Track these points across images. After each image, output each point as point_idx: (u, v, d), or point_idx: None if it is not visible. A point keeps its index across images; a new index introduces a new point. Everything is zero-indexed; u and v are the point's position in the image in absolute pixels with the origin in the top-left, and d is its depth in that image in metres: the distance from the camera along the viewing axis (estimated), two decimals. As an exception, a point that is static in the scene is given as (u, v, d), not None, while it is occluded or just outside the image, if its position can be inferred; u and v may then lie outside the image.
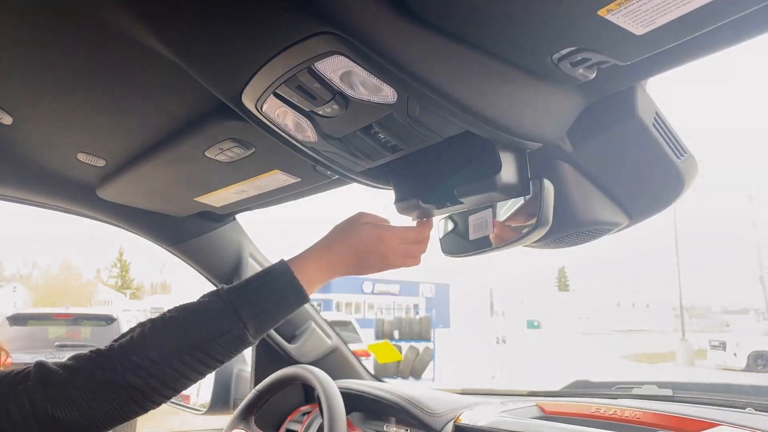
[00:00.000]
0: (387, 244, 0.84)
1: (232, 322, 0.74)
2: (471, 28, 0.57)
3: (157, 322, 0.75)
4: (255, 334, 0.76)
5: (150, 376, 0.71)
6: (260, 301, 0.77)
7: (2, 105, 0.95)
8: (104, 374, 0.70)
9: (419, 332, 10.83)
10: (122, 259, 51.20)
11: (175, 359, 0.72)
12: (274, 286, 0.79)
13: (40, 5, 0.69)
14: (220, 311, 0.75)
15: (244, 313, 0.75)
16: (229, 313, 0.75)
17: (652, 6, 0.50)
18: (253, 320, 0.75)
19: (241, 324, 0.74)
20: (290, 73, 0.65)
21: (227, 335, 0.74)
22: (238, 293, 0.77)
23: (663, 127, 0.75)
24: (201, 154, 0.98)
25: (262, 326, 0.77)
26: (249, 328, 0.75)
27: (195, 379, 0.75)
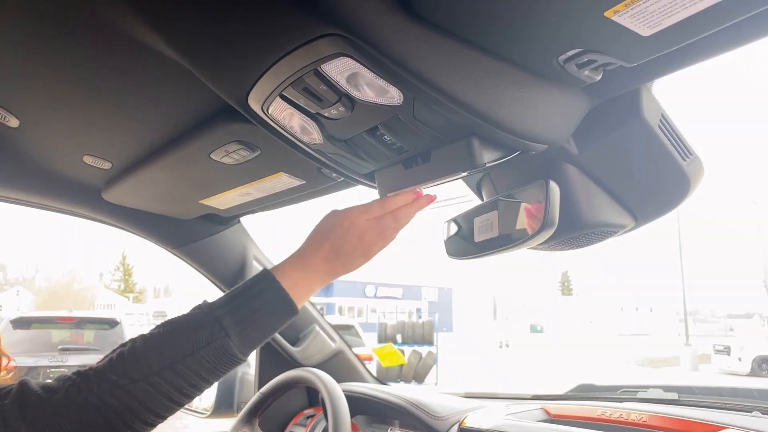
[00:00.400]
0: (356, 224, 0.79)
1: (213, 331, 0.70)
2: (477, 30, 0.58)
3: (142, 338, 0.71)
4: (241, 346, 0.72)
5: (127, 396, 0.66)
6: (242, 307, 0.73)
7: (9, 108, 0.95)
8: (79, 395, 0.66)
9: (422, 336, 10.81)
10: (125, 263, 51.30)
11: (154, 375, 0.67)
12: (253, 292, 0.75)
13: (47, 9, 0.70)
14: (200, 321, 0.71)
15: (225, 321, 0.71)
16: (211, 322, 0.71)
17: (659, 7, 0.50)
18: (236, 329, 0.71)
19: (224, 333, 0.70)
20: (297, 75, 0.66)
21: (209, 346, 0.69)
22: (220, 302, 0.74)
23: (669, 129, 0.75)
24: (206, 156, 0.98)
25: (249, 337, 0.73)
26: (232, 337, 0.70)
27: (178, 400, 0.70)
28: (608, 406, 1.03)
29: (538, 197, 0.75)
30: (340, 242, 0.78)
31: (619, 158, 0.78)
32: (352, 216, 0.79)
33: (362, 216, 0.79)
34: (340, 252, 0.79)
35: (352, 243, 0.79)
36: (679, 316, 22.59)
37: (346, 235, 0.78)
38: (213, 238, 1.49)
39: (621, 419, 0.98)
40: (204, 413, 1.74)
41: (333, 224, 0.79)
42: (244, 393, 1.73)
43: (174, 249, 1.50)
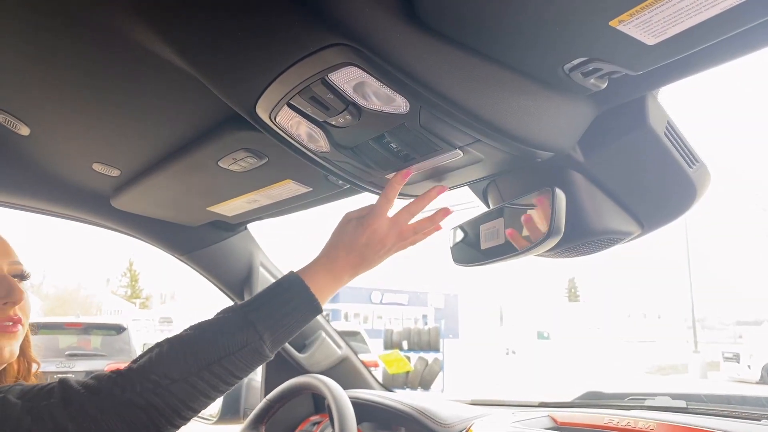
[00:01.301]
0: (378, 231, 0.83)
1: (248, 335, 0.74)
2: (483, 38, 0.58)
3: (174, 340, 0.75)
4: (271, 346, 0.76)
5: (170, 395, 0.70)
6: (274, 312, 0.77)
7: (20, 116, 0.97)
8: (123, 394, 0.70)
9: (428, 343, 10.77)
10: (132, 269, 51.50)
11: (194, 376, 0.71)
12: (286, 297, 0.79)
13: (58, 20, 0.71)
14: (236, 325, 0.75)
15: (259, 325, 0.75)
16: (245, 326, 0.75)
17: (664, 16, 0.50)
18: (268, 332, 0.75)
19: (258, 336, 0.74)
20: (304, 84, 0.66)
21: (244, 349, 0.74)
22: (252, 306, 0.77)
23: (675, 136, 0.75)
24: (214, 164, 0.99)
25: (279, 338, 0.77)
26: (265, 340, 0.75)
27: (213, 397, 0.75)
28: (615, 414, 1.03)
29: (544, 204, 0.75)
30: (364, 250, 0.83)
31: (625, 165, 0.78)
32: (372, 226, 0.83)
33: (379, 221, 0.83)
34: (365, 257, 0.83)
35: (374, 249, 0.83)
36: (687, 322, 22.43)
37: (370, 243, 0.83)
38: (220, 244, 1.50)
39: (628, 427, 0.97)
40: (210, 419, 1.75)
41: (356, 234, 0.83)
42: (250, 399, 1.73)
43: (181, 255, 1.51)
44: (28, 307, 0.88)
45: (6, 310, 0.83)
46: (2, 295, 0.83)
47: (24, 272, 0.89)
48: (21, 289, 0.85)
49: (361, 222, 0.84)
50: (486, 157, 0.73)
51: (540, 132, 0.69)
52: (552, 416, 1.11)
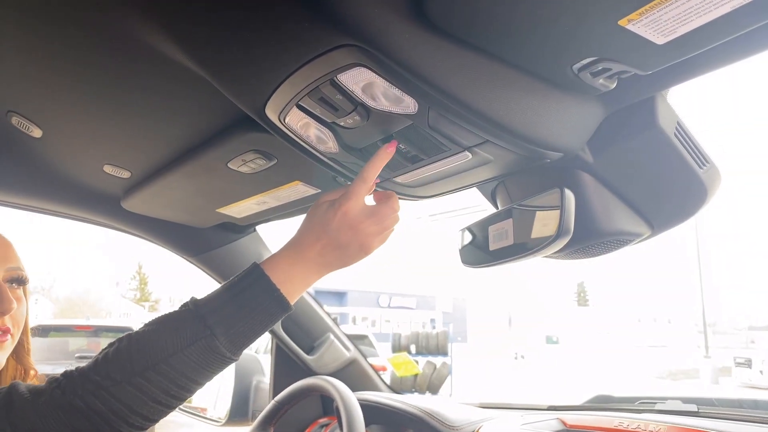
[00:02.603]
0: (348, 214, 0.74)
1: (197, 328, 0.66)
2: (492, 39, 0.58)
3: (131, 336, 0.68)
4: (229, 344, 0.68)
5: (111, 398, 0.63)
6: (227, 305, 0.69)
7: (32, 118, 0.98)
8: (63, 397, 0.63)
9: (436, 347, 10.75)
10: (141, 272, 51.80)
11: (137, 376, 0.64)
12: (241, 287, 0.70)
13: (69, 22, 0.72)
14: (185, 319, 0.68)
15: (210, 318, 0.67)
16: (194, 319, 0.67)
17: (673, 16, 0.50)
18: (222, 326, 0.67)
19: (208, 331, 0.66)
20: (313, 86, 0.67)
21: (194, 345, 0.66)
22: (205, 299, 0.70)
23: (685, 137, 0.75)
24: (224, 165, 0.99)
25: (237, 334, 0.68)
26: (218, 335, 0.66)
27: (166, 403, 0.67)
28: (626, 417, 1.02)
29: (553, 205, 0.75)
30: (336, 235, 0.74)
31: (634, 166, 0.78)
32: (343, 207, 0.74)
33: (352, 203, 0.74)
34: (336, 245, 0.74)
35: (347, 235, 0.74)
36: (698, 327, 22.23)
37: (341, 227, 0.74)
38: (229, 246, 1.50)
39: (639, 430, 0.97)
40: (219, 421, 1.75)
41: (326, 217, 0.75)
42: (258, 401, 1.73)
43: (191, 257, 1.52)
44: (20, 315, 0.86)
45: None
46: None
47: (23, 277, 0.86)
48: (11, 298, 0.82)
49: (333, 204, 0.75)
50: (495, 158, 0.73)
51: (549, 132, 0.69)
52: (561, 419, 1.11)
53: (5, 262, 0.84)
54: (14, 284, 0.86)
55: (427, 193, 0.90)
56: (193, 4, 0.64)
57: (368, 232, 0.75)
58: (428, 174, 0.82)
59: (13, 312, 0.82)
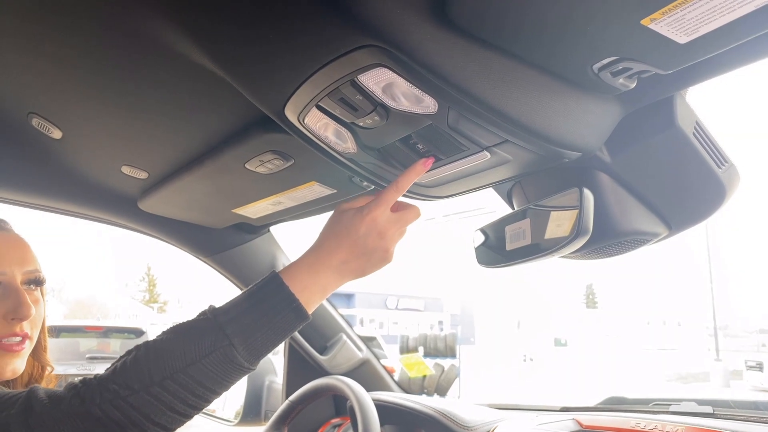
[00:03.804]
0: (377, 221, 0.74)
1: (216, 338, 0.66)
2: (513, 39, 0.59)
3: (148, 345, 0.68)
4: (247, 354, 0.67)
5: (130, 408, 0.63)
6: (246, 314, 0.69)
7: (53, 120, 0.99)
8: (82, 405, 0.63)
9: (444, 349, 10.70)
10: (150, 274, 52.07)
11: (155, 386, 0.64)
12: (259, 297, 0.70)
13: (89, 24, 0.73)
14: (203, 329, 0.68)
15: (228, 328, 0.67)
16: (213, 329, 0.67)
17: (697, 15, 0.50)
18: (240, 336, 0.67)
19: (227, 341, 0.66)
20: (334, 86, 0.67)
21: (212, 355, 0.65)
22: (223, 309, 0.70)
23: (703, 137, 0.75)
24: (241, 166, 1.00)
25: (255, 345, 0.68)
26: (236, 345, 0.66)
27: (186, 412, 0.66)
28: (642, 418, 1.02)
29: (571, 205, 0.75)
30: (363, 242, 0.74)
31: (652, 166, 0.78)
32: (372, 213, 0.74)
33: (382, 209, 0.75)
34: (362, 252, 0.74)
35: (373, 242, 0.74)
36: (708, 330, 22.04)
37: (370, 233, 0.74)
38: (243, 246, 1.51)
39: (656, 431, 0.96)
40: (232, 421, 1.76)
41: (353, 223, 0.74)
42: (271, 401, 1.74)
43: (205, 257, 1.53)
44: (39, 318, 0.85)
45: (13, 326, 0.80)
46: (10, 310, 0.80)
47: (40, 278, 0.86)
48: (29, 303, 0.81)
49: (361, 210, 0.75)
50: (513, 157, 0.73)
51: (568, 132, 0.69)
52: (577, 419, 1.10)
53: (23, 265, 0.84)
54: (32, 286, 0.86)
55: (444, 193, 0.91)
56: (215, 5, 0.65)
57: (391, 239, 0.76)
58: (446, 174, 0.82)
59: (32, 317, 0.82)
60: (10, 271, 0.82)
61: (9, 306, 0.80)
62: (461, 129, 0.68)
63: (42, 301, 0.88)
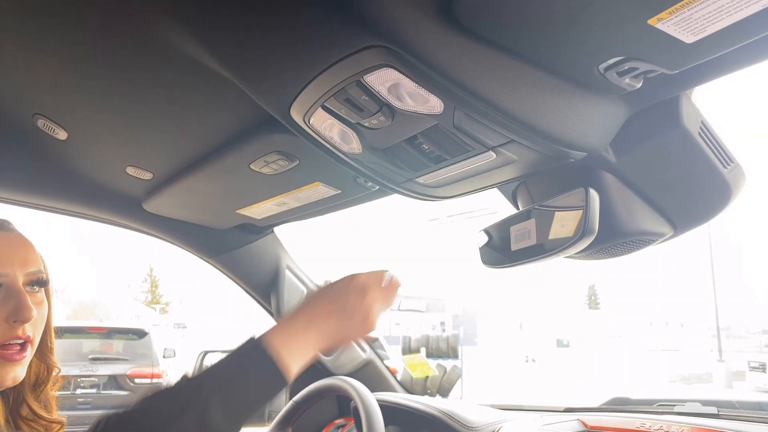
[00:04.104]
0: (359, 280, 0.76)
1: (191, 396, 0.63)
2: (519, 39, 0.59)
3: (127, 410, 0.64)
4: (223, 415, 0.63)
5: None
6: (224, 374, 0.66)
7: (58, 121, 0.99)
8: None
9: (446, 350, 10.70)
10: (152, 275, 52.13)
11: None
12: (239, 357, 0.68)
13: (95, 25, 0.73)
14: (179, 388, 0.65)
15: (205, 387, 0.64)
16: (189, 387, 0.65)
17: (704, 14, 0.50)
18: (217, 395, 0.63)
19: (201, 401, 0.62)
20: (339, 87, 0.67)
21: (186, 415, 0.61)
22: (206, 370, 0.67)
23: (709, 136, 0.75)
24: (246, 166, 1.00)
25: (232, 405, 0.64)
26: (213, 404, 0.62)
27: None
28: (647, 418, 1.02)
29: (577, 205, 0.75)
30: (343, 298, 0.74)
31: (658, 166, 0.78)
32: (358, 276, 0.76)
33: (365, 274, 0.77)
34: (341, 309, 0.73)
35: (352, 301, 0.73)
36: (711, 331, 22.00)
37: (348, 289, 0.74)
38: (247, 247, 1.52)
39: (661, 431, 0.96)
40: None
41: (337, 282, 0.76)
42: (274, 402, 1.74)
43: (209, 258, 1.53)
44: (41, 320, 0.84)
45: (15, 328, 0.78)
46: (11, 312, 0.78)
47: (43, 279, 0.84)
48: (30, 305, 0.79)
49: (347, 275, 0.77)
50: (519, 157, 0.73)
51: (574, 132, 0.69)
52: (582, 420, 1.10)
53: (25, 266, 0.82)
54: (35, 287, 0.83)
55: (449, 194, 0.91)
56: (220, 7, 0.65)
57: (375, 302, 0.75)
58: (451, 174, 0.82)
59: (34, 319, 0.80)
60: (12, 273, 0.80)
61: (10, 309, 0.78)
62: (467, 129, 0.68)
63: (46, 303, 0.86)
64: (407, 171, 0.84)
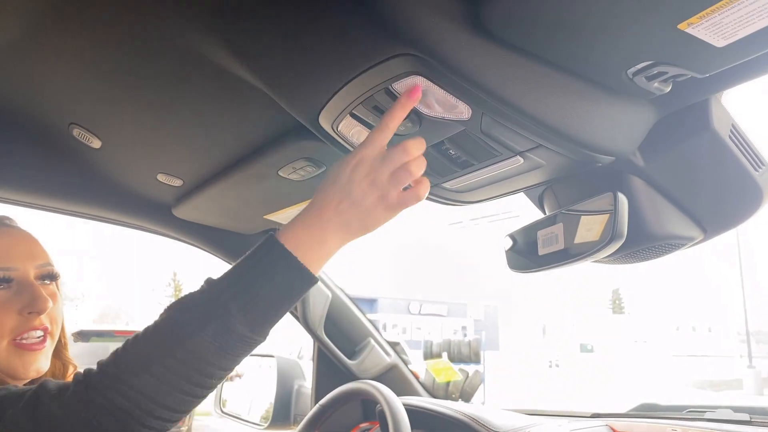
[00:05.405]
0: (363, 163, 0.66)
1: (210, 307, 0.61)
2: (547, 45, 0.59)
3: (147, 327, 0.63)
4: (247, 322, 0.61)
5: (131, 391, 0.59)
6: (241, 278, 0.63)
7: (93, 130, 1.02)
8: (86, 393, 0.60)
9: (468, 355, 10.63)
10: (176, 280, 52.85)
11: (155, 365, 0.59)
12: (255, 258, 0.64)
13: (128, 36, 0.75)
14: (199, 298, 0.63)
15: (224, 295, 0.61)
16: (208, 298, 0.62)
17: (735, 18, 0.50)
18: (236, 302, 0.61)
19: (221, 309, 0.60)
20: (368, 94, 0.69)
21: (209, 326, 0.60)
22: (220, 277, 0.64)
23: (740, 139, 0.74)
24: (275, 173, 1.02)
25: (254, 310, 0.61)
26: (233, 311, 0.60)
27: (191, 392, 0.61)
28: (678, 425, 1.00)
29: (605, 209, 0.75)
30: (349, 187, 0.65)
31: (687, 170, 0.77)
32: (357, 155, 0.66)
33: (368, 150, 0.66)
34: (352, 200, 0.65)
35: (362, 187, 0.65)
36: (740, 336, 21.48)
37: (354, 176, 0.65)
38: (273, 252, 1.53)
39: (692, 437, 0.95)
40: (261, 425, 1.78)
41: (340, 168, 0.67)
42: (300, 405, 1.76)
43: (236, 263, 1.55)
44: (57, 312, 0.84)
45: (31, 320, 0.79)
46: (26, 304, 0.79)
47: (53, 272, 0.85)
48: (45, 296, 0.80)
49: (347, 156, 0.68)
50: (546, 162, 0.73)
51: (602, 136, 0.69)
52: (610, 426, 1.09)
53: (34, 259, 0.83)
54: (46, 281, 0.84)
55: (475, 198, 0.91)
56: (252, 18, 0.67)
57: (385, 182, 0.66)
58: (478, 179, 0.83)
59: (50, 310, 0.81)
60: (21, 266, 0.81)
61: (25, 300, 0.79)
62: (494, 134, 0.69)
63: (59, 297, 0.86)
64: (434, 176, 0.84)
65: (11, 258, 0.81)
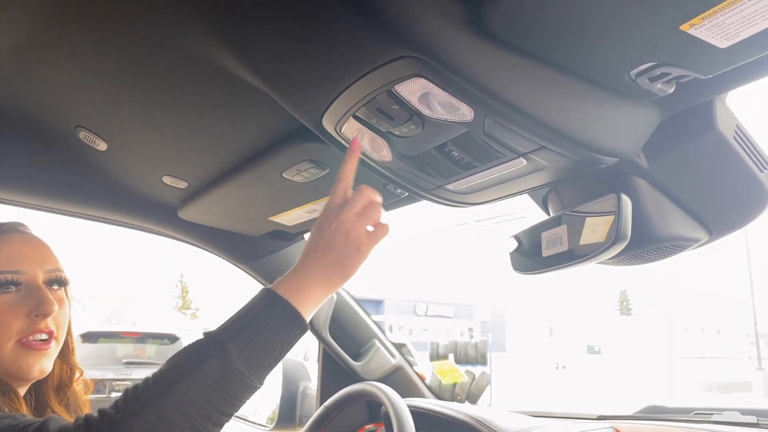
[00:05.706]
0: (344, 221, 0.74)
1: (207, 347, 0.64)
2: (550, 47, 0.59)
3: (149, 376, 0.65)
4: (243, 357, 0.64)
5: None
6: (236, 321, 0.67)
7: (99, 132, 1.03)
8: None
9: (475, 356, 10.60)
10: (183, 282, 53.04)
11: (155, 408, 0.60)
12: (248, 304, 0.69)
13: (134, 40, 0.76)
14: (197, 342, 0.66)
15: (222, 334, 0.65)
16: (207, 339, 0.66)
17: (737, 20, 0.50)
18: (234, 341, 0.64)
19: (219, 347, 0.63)
20: (371, 96, 0.69)
21: (207, 363, 0.62)
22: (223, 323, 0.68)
23: (745, 140, 0.74)
24: (279, 175, 1.03)
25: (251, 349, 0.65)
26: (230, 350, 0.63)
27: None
28: (684, 427, 1.00)
29: (609, 211, 0.75)
30: (331, 240, 0.73)
31: (691, 171, 0.77)
32: (339, 216, 0.74)
33: (348, 213, 0.74)
34: (332, 249, 0.73)
35: (340, 240, 0.73)
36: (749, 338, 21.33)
37: (336, 232, 0.73)
38: (279, 253, 1.54)
39: (698, 440, 0.94)
40: (267, 425, 1.79)
41: (322, 226, 0.75)
42: (305, 407, 1.76)
43: (241, 264, 1.56)
44: (64, 317, 0.86)
45: (37, 322, 0.80)
46: (32, 308, 0.80)
47: (62, 278, 0.86)
48: (52, 300, 0.81)
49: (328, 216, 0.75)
50: (549, 163, 0.73)
51: (605, 138, 0.69)
52: (616, 428, 1.09)
53: (44, 264, 0.84)
54: (54, 286, 0.85)
55: (479, 200, 0.91)
56: (256, 21, 0.67)
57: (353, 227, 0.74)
58: (481, 181, 0.82)
59: (56, 314, 0.82)
60: (30, 270, 0.83)
61: (32, 303, 0.80)
62: (497, 136, 0.68)
63: (66, 302, 0.87)
64: (437, 178, 0.84)
65: (21, 262, 0.83)
